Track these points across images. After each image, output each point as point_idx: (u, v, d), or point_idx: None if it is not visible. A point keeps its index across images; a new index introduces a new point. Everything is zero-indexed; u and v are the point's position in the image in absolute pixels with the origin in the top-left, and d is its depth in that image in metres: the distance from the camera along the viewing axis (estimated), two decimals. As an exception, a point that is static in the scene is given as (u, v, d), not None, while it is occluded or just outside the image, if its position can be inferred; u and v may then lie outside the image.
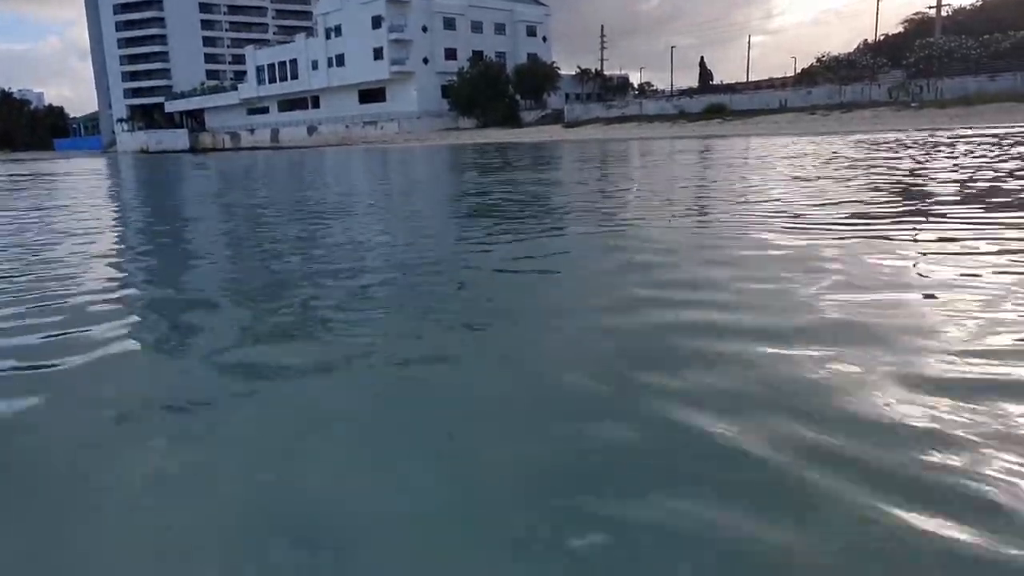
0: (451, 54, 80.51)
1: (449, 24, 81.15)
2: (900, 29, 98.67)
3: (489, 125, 70.15)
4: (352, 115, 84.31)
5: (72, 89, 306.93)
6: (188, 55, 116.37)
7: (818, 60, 67.25)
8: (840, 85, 53.16)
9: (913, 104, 45.39)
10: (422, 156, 31.92)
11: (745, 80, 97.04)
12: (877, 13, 73.17)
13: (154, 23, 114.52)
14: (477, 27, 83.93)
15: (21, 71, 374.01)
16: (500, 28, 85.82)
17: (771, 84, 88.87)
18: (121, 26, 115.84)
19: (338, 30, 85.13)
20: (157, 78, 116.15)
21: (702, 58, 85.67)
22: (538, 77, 75.31)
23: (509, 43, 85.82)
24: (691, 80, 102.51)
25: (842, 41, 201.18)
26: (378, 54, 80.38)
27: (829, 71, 61.74)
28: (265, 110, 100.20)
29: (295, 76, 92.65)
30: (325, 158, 37.80)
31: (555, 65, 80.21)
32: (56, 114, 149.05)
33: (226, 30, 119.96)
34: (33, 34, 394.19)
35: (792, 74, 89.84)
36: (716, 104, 57.57)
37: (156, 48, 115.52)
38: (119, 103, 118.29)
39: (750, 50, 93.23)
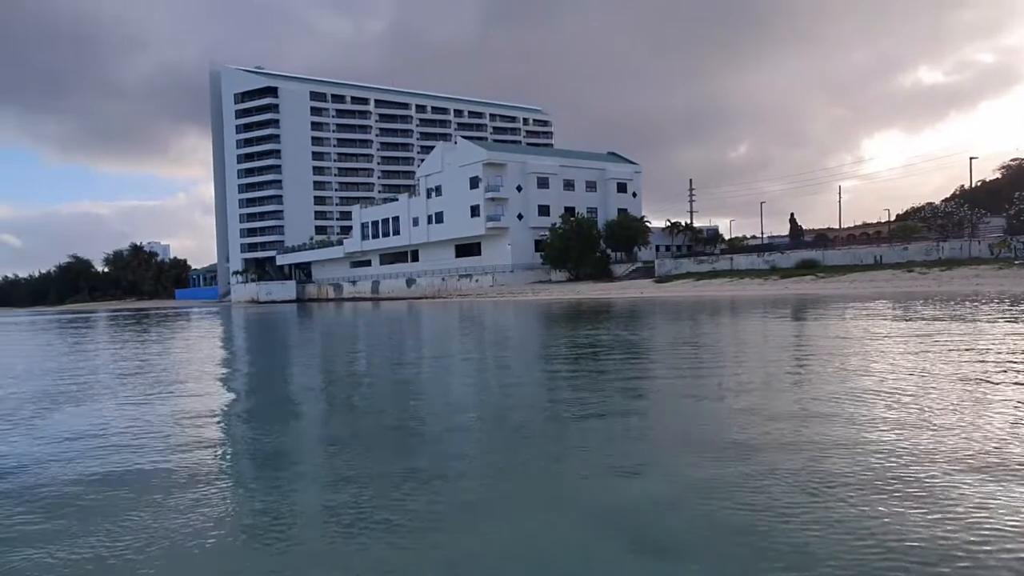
0: (544, 210, 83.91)
1: (543, 183, 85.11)
2: (998, 175, 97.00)
3: (581, 278, 71.63)
4: (448, 268, 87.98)
5: (194, 240, 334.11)
6: (300, 212, 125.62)
7: (914, 211, 66.57)
8: (938, 241, 52.24)
9: (1017, 262, 43.95)
10: (513, 311, 32.69)
11: (837, 227, 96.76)
12: (971, 165, 72.44)
13: (273, 184, 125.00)
14: (569, 185, 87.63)
15: (152, 224, 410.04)
16: (591, 185, 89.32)
17: (864, 232, 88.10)
18: (243, 188, 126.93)
19: (438, 190, 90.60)
20: (271, 233, 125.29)
21: (792, 214, 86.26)
22: (629, 231, 77.20)
23: (600, 199, 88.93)
24: (781, 226, 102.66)
25: (935, 187, 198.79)
26: (475, 211, 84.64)
27: (925, 223, 60.95)
28: (367, 263, 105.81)
29: (396, 232, 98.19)
30: (422, 313, 39.32)
31: (645, 219, 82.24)
32: (180, 266, 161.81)
33: (335, 189, 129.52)
34: (164, 191, 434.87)
35: (885, 220, 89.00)
36: (808, 260, 57.29)
37: (272, 207, 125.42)
38: (236, 256, 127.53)
39: (841, 197, 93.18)
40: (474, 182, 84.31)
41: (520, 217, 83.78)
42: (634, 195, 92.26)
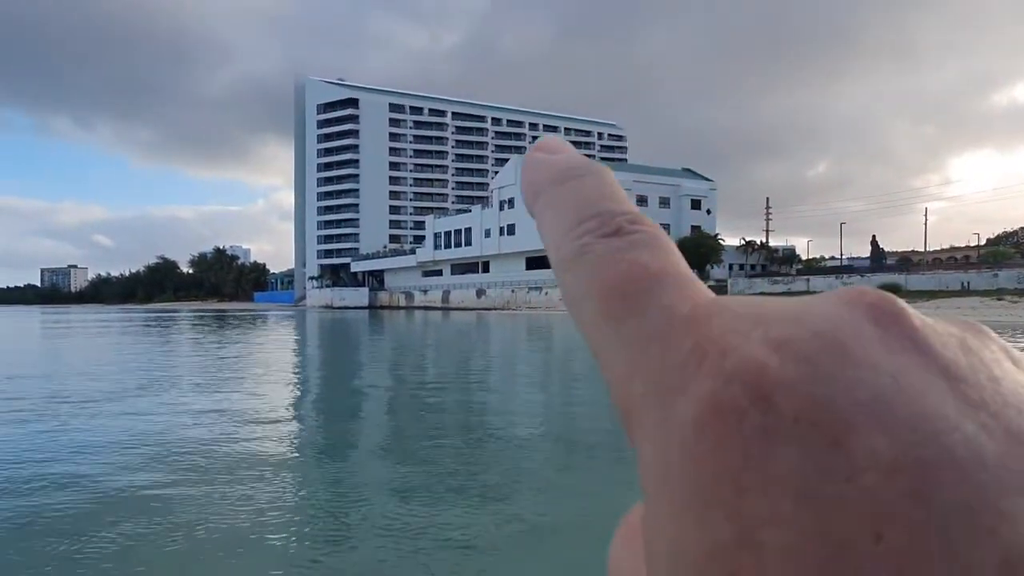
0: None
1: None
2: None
3: (651, 295, 70.89)
4: (519, 280, 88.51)
5: (272, 245, 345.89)
6: (375, 220, 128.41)
7: (1005, 235, 63.83)
8: (1032, 267, 49.84)
9: (1120, 292, 41.55)
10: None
11: (922, 250, 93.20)
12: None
13: (350, 193, 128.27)
14: (642, 200, 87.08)
15: (233, 229, 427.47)
16: (664, 201, 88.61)
17: (951, 256, 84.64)
18: (322, 196, 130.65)
19: (511, 202, 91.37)
20: (347, 241, 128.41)
21: (874, 236, 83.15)
22: (702, 249, 76.22)
23: (673, 216, 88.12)
24: (862, 247, 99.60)
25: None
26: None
27: (1017, 248, 58.27)
28: (439, 272, 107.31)
29: (468, 243, 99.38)
30: (491, 327, 39.71)
31: (719, 237, 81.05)
32: (259, 270, 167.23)
33: (410, 199, 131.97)
34: (246, 197, 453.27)
35: (974, 244, 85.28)
36: (889, 284, 55.39)
37: (349, 215, 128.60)
38: (312, 261, 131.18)
39: (927, 219, 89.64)
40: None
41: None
42: (708, 212, 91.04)
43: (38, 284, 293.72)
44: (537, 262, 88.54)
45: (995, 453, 0.15)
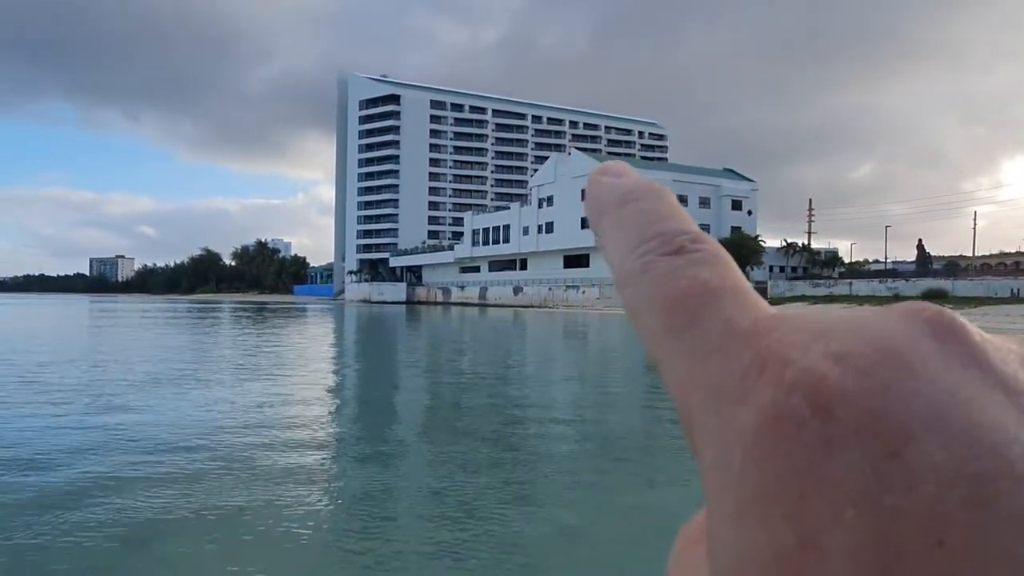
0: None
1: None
2: None
3: (689, 296, 70.32)
4: (556, 278, 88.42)
5: (311, 239, 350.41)
6: (414, 216, 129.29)
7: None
8: (1086, 275, 48.34)
9: None
10: (619, 328, 32.45)
11: (970, 255, 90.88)
12: None
13: (390, 188, 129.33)
14: (682, 200, 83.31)
15: (273, 222, 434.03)
16: (705, 202, 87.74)
17: (1001, 262, 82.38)
18: (362, 191, 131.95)
19: (550, 200, 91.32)
20: (386, 236, 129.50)
21: (920, 240, 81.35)
22: (742, 251, 75.31)
23: (713, 216, 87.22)
24: (907, 251, 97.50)
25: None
26: (585, 223, 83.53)
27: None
28: (476, 269, 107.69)
29: (507, 240, 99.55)
30: (528, 325, 39.79)
31: (759, 238, 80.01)
32: (299, 263, 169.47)
33: (449, 196, 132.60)
34: (286, 190, 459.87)
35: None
36: (935, 289, 54.19)
37: (388, 210, 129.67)
38: (351, 256, 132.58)
39: (976, 223, 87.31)
40: (585, 194, 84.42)
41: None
42: (749, 213, 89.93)
43: (87, 273, 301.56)
44: (574, 260, 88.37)
45: None
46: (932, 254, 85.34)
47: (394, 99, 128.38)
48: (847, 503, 0.16)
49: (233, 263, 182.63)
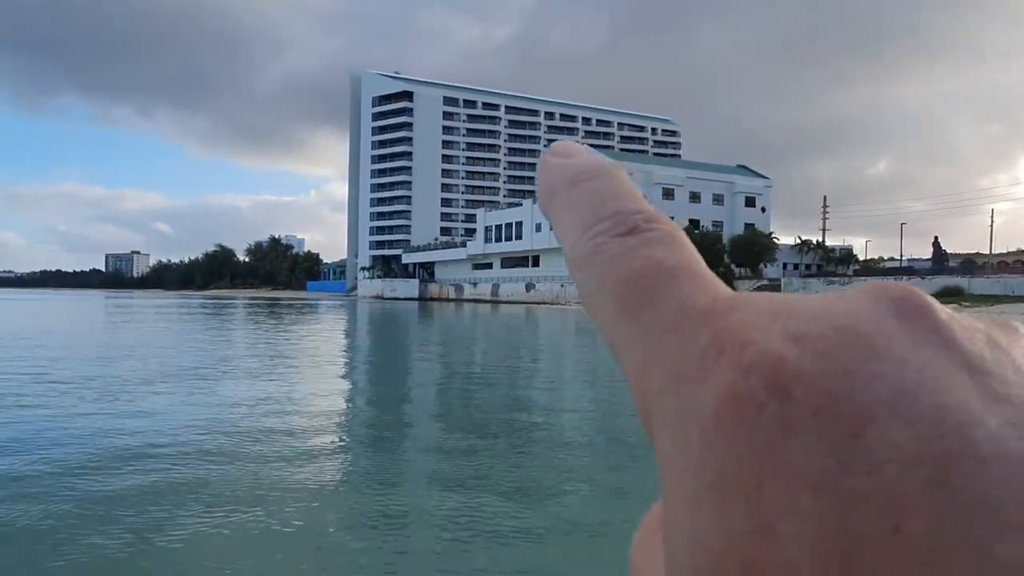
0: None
1: (667, 194, 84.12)
2: None
3: (702, 293, 70.08)
4: (568, 275, 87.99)
5: (324, 235, 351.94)
6: (427, 213, 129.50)
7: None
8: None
9: None
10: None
11: (987, 252, 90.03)
12: None
13: (403, 185, 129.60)
14: (695, 197, 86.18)
15: (286, 219, 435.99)
16: (718, 199, 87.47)
17: (1019, 260, 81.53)
18: (375, 187, 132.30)
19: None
20: (398, 232, 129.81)
21: (936, 237, 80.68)
22: (755, 248, 75.01)
23: (727, 213, 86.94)
24: (923, 249, 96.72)
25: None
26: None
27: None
28: (489, 266, 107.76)
29: (519, 236, 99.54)
30: (539, 321, 39.82)
31: (773, 235, 79.62)
32: (312, 259, 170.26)
33: (462, 192, 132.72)
34: (299, 187, 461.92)
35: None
36: (951, 287, 53.78)
37: (401, 207, 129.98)
38: (364, 252, 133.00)
39: (993, 220, 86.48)
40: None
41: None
42: (763, 210, 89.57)
43: (102, 269, 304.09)
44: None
45: (1019, 447, 0.15)
46: (948, 251, 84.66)
47: (407, 96, 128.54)
48: (804, 487, 0.16)
49: (247, 259, 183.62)
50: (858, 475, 0.15)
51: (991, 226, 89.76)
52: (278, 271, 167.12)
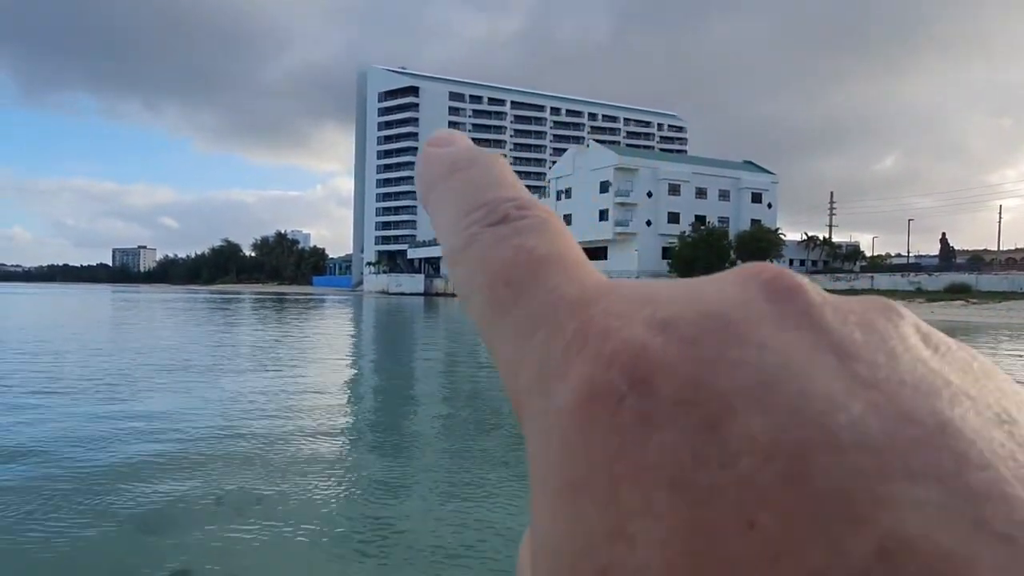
0: (674, 218, 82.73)
1: (674, 190, 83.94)
2: None
3: (708, 288, 70.00)
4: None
5: (329, 230, 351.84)
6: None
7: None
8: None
9: None
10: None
11: (995, 249, 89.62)
12: None
13: (409, 180, 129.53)
14: (701, 193, 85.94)
15: (292, 214, 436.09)
16: (724, 195, 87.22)
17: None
18: (381, 183, 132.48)
19: (568, 192, 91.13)
20: (404, 227, 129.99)
21: (943, 234, 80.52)
22: (761, 244, 74.81)
23: (733, 209, 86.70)
24: (930, 245, 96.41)
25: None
26: (603, 216, 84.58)
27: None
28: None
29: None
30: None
31: (779, 231, 79.41)
32: (318, 254, 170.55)
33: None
34: (305, 182, 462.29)
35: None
36: (959, 283, 53.56)
37: (407, 202, 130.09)
38: (370, 247, 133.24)
39: (1002, 216, 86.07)
40: (604, 186, 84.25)
41: (649, 223, 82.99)
42: (769, 206, 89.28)
43: (110, 263, 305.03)
44: (593, 253, 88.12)
45: (881, 434, 0.14)
46: (956, 248, 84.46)
47: (413, 91, 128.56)
48: (659, 485, 0.15)
49: (253, 254, 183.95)
50: (712, 469, 0.14)
51: (999, 222, 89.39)
52: (284, 266, 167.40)
